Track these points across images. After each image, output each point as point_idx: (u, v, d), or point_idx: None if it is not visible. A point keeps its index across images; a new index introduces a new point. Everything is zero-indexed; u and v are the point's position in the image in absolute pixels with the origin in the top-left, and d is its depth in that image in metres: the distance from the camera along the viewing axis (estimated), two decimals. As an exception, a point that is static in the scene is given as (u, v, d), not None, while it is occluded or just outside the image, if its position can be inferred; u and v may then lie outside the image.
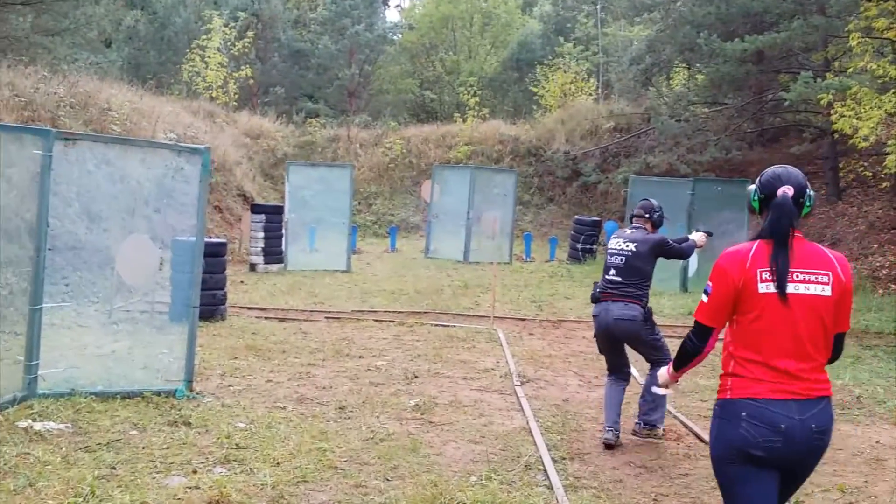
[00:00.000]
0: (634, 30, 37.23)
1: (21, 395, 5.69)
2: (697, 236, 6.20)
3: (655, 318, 6.08)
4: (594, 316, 5.93)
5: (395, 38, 42.89)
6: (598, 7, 39.66)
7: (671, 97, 20.38)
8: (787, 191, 2.95)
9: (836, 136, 15.11)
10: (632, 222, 6.18)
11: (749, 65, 16.61)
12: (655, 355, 5.83)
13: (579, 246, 17.89)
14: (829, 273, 2.90)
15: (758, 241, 2.96)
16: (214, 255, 9.86)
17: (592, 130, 24.73)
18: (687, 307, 12.18)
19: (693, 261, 14.49)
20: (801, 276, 2.88)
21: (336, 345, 8.74)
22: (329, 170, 16.24)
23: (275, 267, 14.93)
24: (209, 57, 23.91)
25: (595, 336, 6.01)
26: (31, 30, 17.46)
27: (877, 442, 6.01)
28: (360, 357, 8.22)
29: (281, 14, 39.65)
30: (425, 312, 11.10)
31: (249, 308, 11.01)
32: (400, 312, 11.03)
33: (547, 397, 7.03)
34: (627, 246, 5.84)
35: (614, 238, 6.00)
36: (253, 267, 14.82)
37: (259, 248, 14.81)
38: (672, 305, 12.49)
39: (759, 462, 2.85)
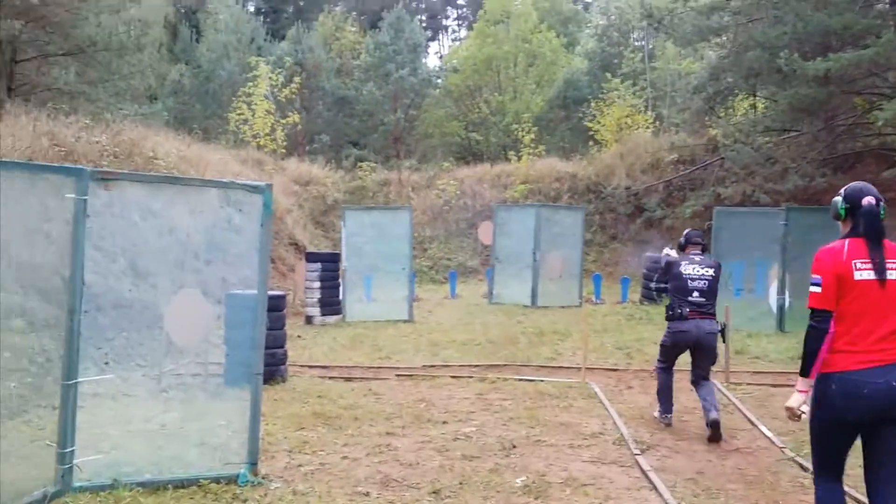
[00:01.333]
0: (684, 63, 36.30)
1: (53, 490, 4.69)
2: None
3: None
4: (683, 331, 6.80)
5: (438, 81, 42.42)
6: (645, 42, 38.88)
7: (746, 123, 19.15)
8: (871, 200, 3.65)
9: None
10: (685, 250, 7.11)
11: (831, 86, 15.37)
12: (709, 370, 6.96)
13: (653, 285, 16.63)
14: None
15: (848, 239, 3.65)
16: (273, 308, 8.90)
17: (653, 164, 23.57)
18: (792, 349, 10.90)
19: (787, 298, 13.24)
20: (890, 265, 3.57)
21: (413, 408, 7.65)
22: (385, 213, 15.31)
23: (332, 319, 13.97)
24: (256, 104, 23.36)
25: (675, 345, 6.97)
26: (76, 81, 17.00)
27: None
28: (443, 423, 7.12)
29: (324, 62, 39.47)
30: (505, 365, 9.97)
31: (311, 366, 10.00)
32: (477, 366, 9.92)
33: (677, 469, 5.84)
34: (707, 272, 6.85)
35: (689, 265, 6.88)
36: (309, 319, 13.87)
37: (315, 300, 13.86)
38: (776, 349, 11.19)
39: (849, 424, 3.56)
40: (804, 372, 3.65)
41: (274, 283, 15.91)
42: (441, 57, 50.88)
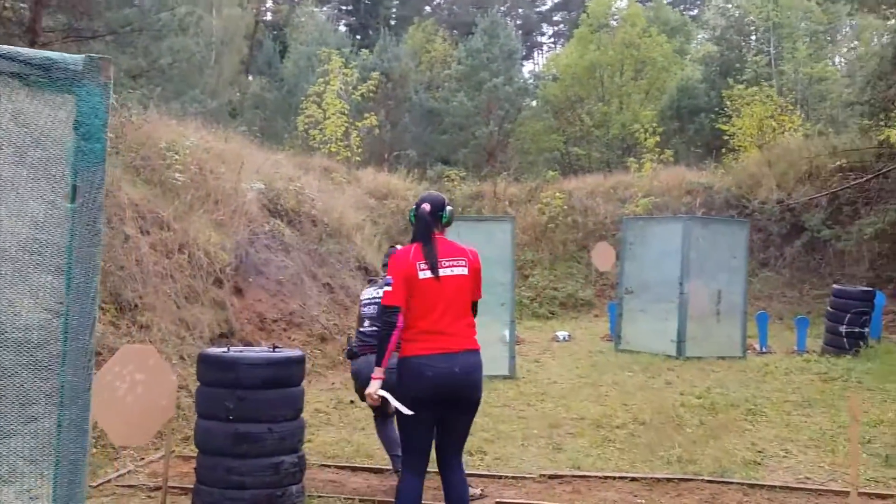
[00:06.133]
0: (818, 66, 31.53)
1: None
2: None
3: None
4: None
5: (536, 90, 38.64)
6: (771, 42, 34.21)
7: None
8: (425, 207, 4.11)
9: None
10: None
11: None
12: None
13: (843, 329, 12.13)
14: (465, 259, 4.07)
15: (415, 243, 4.07)
16: (279, 383, 4.97)
17: (811, 172, 18.91)
18: None
19: None
20: (447, 264, 4.01)
21: None
22: (479, 227, 11.24)
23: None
24: (327, 104, 19.80)
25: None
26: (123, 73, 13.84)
27: None
28: None
29: (412, 73, 36.27)
30: (684, 481, 5.78)
31: (353, 468, 6.07)
32: (636, 480, 5.77)
33: None
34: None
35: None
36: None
37: (380, 345, 9.94)
38: None
39: (418, 403, 3.88)
40: (378, 362, 3.95)
41: (330, 320, 12.10)
42: (536, 74, 46.85)
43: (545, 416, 7.95)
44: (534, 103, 39.62)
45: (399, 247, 4.71)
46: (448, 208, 4.17)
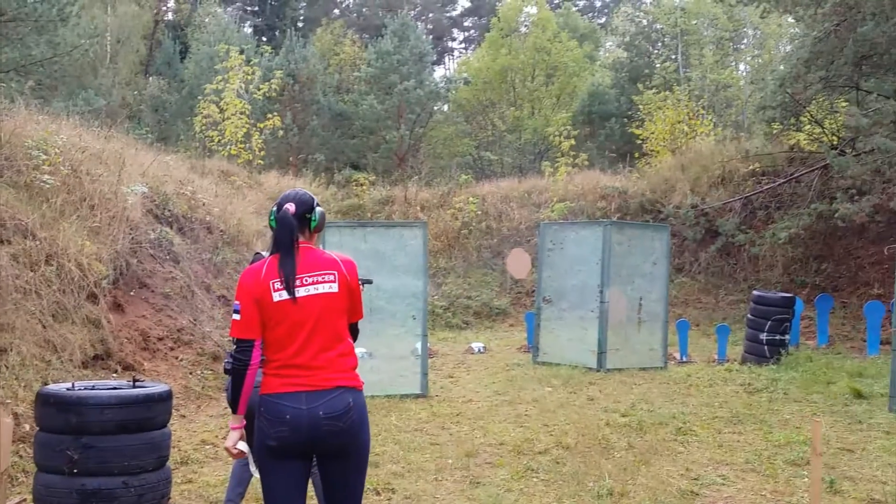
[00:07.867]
0: (725, 73, 31.99)
1: None
2: None
3: None
4: None
5: (447, 94, 38.15)
6: (678, 50, 34.60)
7: (881, 115, 14.12)
8: (288, 207, 3.24)
9: None
10: None
11: None
12: None
13: (764, 336, 11.80)
14: (335, 272, 3.21)
15: (272, 256, 3.21)
16: (133, 426, 4.05)
17: (724, 177, 18.80)
18: None
19: None
20: (309, 280, 3.16)
21: None
22: (388, 233, 10.40)
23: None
24: (226, 103, 18.64)
25: None
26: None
27: None
28: None
29: (320, 75, 35.16)
30: (619, 520, 5.10)
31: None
32: (565, 523, 5.05)
33: None
34: None
35: None
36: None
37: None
38: None
39: (275, 452, 3.10)
40: (233, 409, 3.22)
41: (224, 337, 11.04)
42: (447, 78, 46.01)
43: (461, 441, 7.17)
44: (445, 108, 39.17)
45: (265, 254, 3.54)
46: (318, 209, 3.34)
